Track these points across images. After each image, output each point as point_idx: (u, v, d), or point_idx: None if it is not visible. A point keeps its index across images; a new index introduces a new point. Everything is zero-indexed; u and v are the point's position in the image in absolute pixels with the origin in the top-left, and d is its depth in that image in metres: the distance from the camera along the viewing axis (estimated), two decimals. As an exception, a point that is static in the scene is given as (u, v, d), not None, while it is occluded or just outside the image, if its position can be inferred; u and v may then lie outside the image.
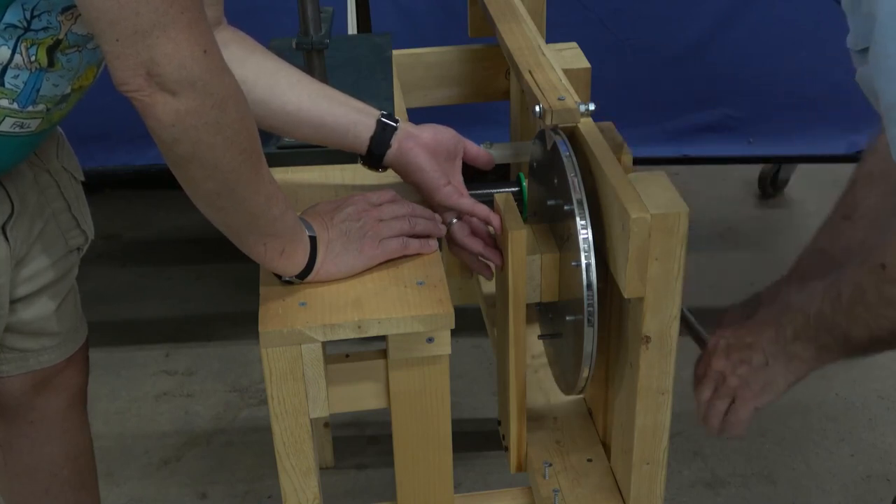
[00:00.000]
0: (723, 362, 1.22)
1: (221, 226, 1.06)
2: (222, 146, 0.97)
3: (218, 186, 1.00)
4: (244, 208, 1.04)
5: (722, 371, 1.22)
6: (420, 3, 2.20)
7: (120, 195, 3.03)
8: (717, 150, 2.36)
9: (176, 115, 0.92)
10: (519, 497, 1.40)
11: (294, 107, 1.24)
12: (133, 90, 0.91)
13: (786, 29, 2.20)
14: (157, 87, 0.91)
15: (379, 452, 2.11)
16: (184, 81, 0.91)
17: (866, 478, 2.04)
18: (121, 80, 0.91)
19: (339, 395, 1.17)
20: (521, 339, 1.28)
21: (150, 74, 0.90)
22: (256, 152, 1.02)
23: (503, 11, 1.63)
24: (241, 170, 1.00)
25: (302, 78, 1.27)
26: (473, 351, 2.36)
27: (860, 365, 2.34)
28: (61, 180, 1.34)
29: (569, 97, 1.29)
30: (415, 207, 1.23)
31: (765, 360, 1.18)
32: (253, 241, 1.08)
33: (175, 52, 0.90)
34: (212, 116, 0.94)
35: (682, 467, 2.06)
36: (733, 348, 1.21)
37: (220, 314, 2.56)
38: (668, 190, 1.12)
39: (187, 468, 2.11)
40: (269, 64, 1.26)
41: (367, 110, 1.26)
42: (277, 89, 1.24)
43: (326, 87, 1.28)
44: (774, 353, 1.17)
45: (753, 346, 1.19)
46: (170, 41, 0.89)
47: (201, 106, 0.93)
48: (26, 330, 1.36)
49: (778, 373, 1.18)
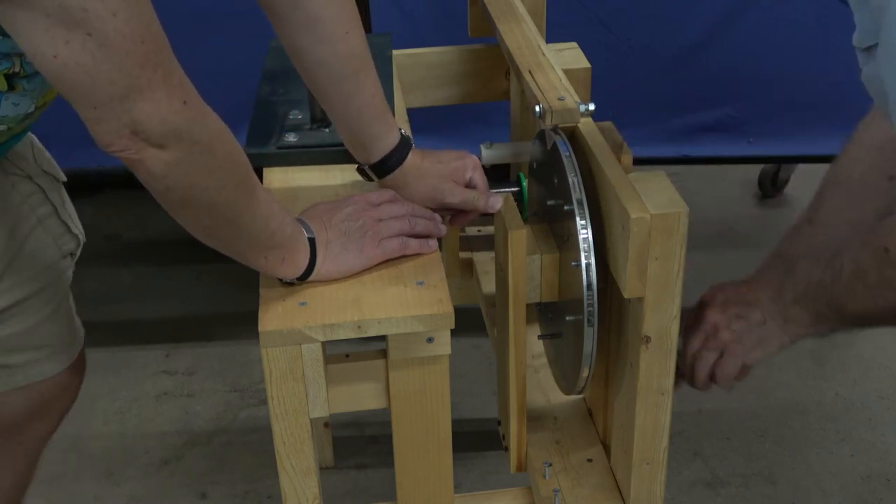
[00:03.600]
0: (718, 315, 1.22)
1: (222, 250, 1.07)
2: (216, 187, 0.97)
3: (215, 221, 1.01)
4: (243, 234, 1.05)
5: (715, 324, 1.22)
6: (420, 3, 2.20)
7: (120, 195, 3.03)
8: (717, 150, 2.36)
9: (167, 167, 0.92)
10: (519, 497, 1.40)
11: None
12: (120, 150, 0.91)
13: (786, 29, 2.20)
14: (143, 144, 0.90)
15: (379, 452, 2.11)
16: (169, 135, 0.91)
17: (866, 478, 2.04)
18: (105, 143, 0.90)
19: (339, 395, 1.17)
20: (521, 339, 1.28)
21: (134, 133, 0.90)
22: (250, 180, 1.03)
23: (503, 11, 1.63)
24: (237, 203, 1.01)
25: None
26: (473, 351, 2.36)
27: (860, 365, 2.34)
28: (44, 184, 1.32)
29: (569, 97, 1.29)
30: (414, 208, 1.23)
31: (762, 317, 1.19)
32: (254, 257, 1.09)
33: (155, 110, 0.89)
34: (202, 162, 0.95)
35: (682, 467, 2.06)
36: (731, 302, 1.22)
37: (220, 314, 2.56)
38: (668, 190, 1.12)
39: (187, 468, 2.11)
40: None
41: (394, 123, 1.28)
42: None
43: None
44: (773, 313, 1.19)
45: (752, 303, 1.20)
46: (148, 101, 0.89)
47: (189, 154, 0.93)
48: (9, 344, 1.32)
49: (773, 332, 1.19)
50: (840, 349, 2.39)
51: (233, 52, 1.98)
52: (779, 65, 2.23)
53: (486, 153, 1.46)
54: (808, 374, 2.32)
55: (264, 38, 1.57)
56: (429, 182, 1.26)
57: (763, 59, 2.23)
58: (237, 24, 1.26)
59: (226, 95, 1.02)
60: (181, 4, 1.65)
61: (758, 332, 1.20)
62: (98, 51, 0.85)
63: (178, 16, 1.05)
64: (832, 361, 2.36)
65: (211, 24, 2.07)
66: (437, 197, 1.26)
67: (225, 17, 1.96)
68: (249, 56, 1.73)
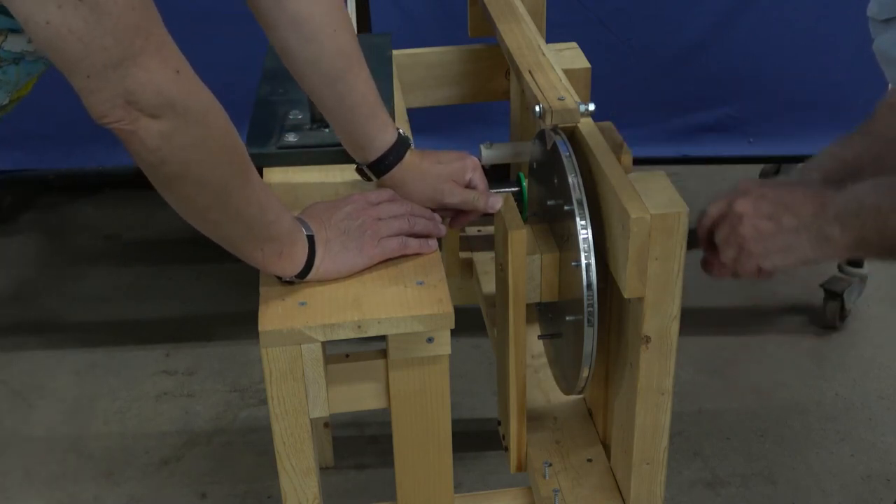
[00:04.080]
0: (748, 206, 1.12)
1: (217, 238, 1.06)
2: (209, 161, 0.97)
3: (209, 201, 1.01)
4: (238, 219, 1.04)
5: (741, 214, 1.12)
6: (420, 3, 2.20)
7: (120, 195, 3.03)
8: (717, 150, 2.36)
9: (161, 138, 0.93)
10: (519, 497, 1.40)
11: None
12: (114, 121, 0.91)
13: (786, 29, 2.20)
14: (138, 114, 0.91)
15: (379, 452, 2.11)
16: (163, 105, 0.91)
17: (866, 478, 2.04)
18: (100, 114, 0.91)
19: (339, 395, 1.17)
20: (521, 339, 1.28)
21: (128, 103, 0.90)
22: (244, 162, 1.03)
23: (503, 11, 1.63)
24: (230, 182, 1.01)
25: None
26: (473, 351, 2.36)
27: (860, 365, 2.34)
28: None
29: (569, 97, 1.29)
30: (414, 207, 1.23)
31: (797, 225, 1.09)
32: (250, 249, 1.08)
33: (149, 78, 0.90)
34: (196, 133, 0.95)
35: (682, 467, 2.06)
36: (766, 199, 1.12)
37: (220, 314, 2.56)
38: (668, 190, 1.12)
39: (187, 468, 2.11)
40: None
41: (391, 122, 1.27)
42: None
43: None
44: (808, 224, 1.09)
45: (789, 207, 1.10)
46: (142, 69, 0.89)
47: (184, 124, 0.93)
48: None
49: (804, 244, 1.10)
50: (840, 349, 2.40)
51: (233, 52, 1.98)
52: (779, 65, 2.23)
53: (486, 153, 1.46)
54: (808, 374, 2.32)
55: (264, 38, 1.57)
56: (428, 182, 1.26)
57: (763, 59, 2.23)
58: (237, 24, 1.26)
59: (226, 95, 1.02)
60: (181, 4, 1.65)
61: (785, 238, 1.10)
62: (90, 15, 0.85)
63: (178, 16, 1.05)
64: (832, 361, 2.36)
65: (211, 23, 2.08)
66: (437, 197, 1.26)
67: (225, 17, 1.96)
68: (249, 56, 1.73)
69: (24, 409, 2.27)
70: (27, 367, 2.39)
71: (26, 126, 2.15)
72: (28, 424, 2.23)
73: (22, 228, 2.94)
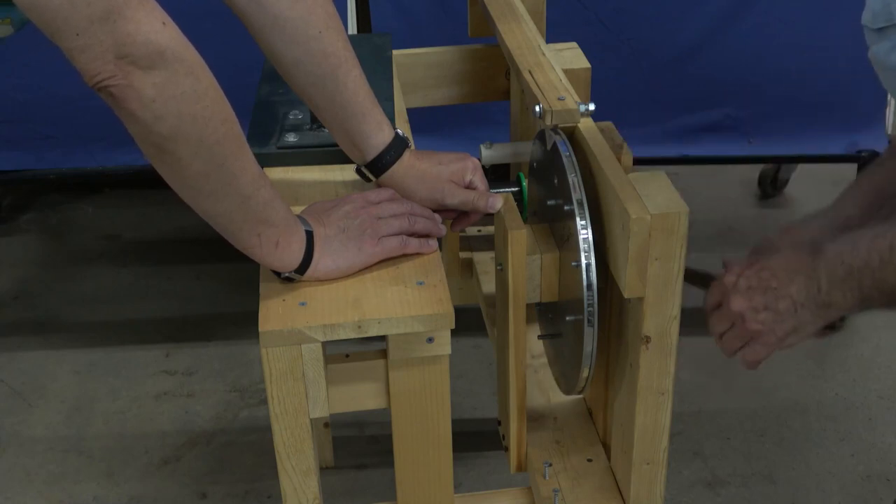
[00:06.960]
0: (744, 304, 1.15)
1: (213, 216, 1.06)
2: (203, 115, 0.98)
3: (205, 165, 1.00)
4: (233, 189, 1.04)
5: (741, 313, 1.15)
6: (420, 3, 2.21)
7: (120, 195, 3.03)
8: (717, 150, 2.36)
9: (154, 89, 0.93)
10: (519, 497, 1.40)
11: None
12: (106, 77, 0.92)
13: (786, 29, 2.20)
14: (130, 68, 0.92)
15: (379, 452, 2.11)
16: (153, 54, 0.92)
17: (866, 478, 2.04)
18: (92, 72, 0.91)
19: (339, 395, 1.17)
20: (521, 339, 1.28)
21: (119, 57, 0.91)
22: (236, 123, 1.03)
23: (503, 11, 1.63)
24: (225, 142, 1.01)
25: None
26: (473, 351, 2.36)
27: (860, 365, 2.34)
28: None
29: (569, 97, 1.29)
30: (414, 206, 1.23)
31: (793, 307, 1.12)
32: (247, 232, 1.08)
33: (136, 29, 0.91)
34: (188, 84, 0.95)
35: (682, 467, 2.06)
36: (756, 291, 1.15)
37: (220, 314, 2.56)
38: (668, 190, 1.12)
39: (187, 468, 2.11)
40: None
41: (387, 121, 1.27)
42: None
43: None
44: (805, 300, 1.12)
45: (779, 293, 1.13)
46: (128, 21, 0.90)
47: (175, 74, 0.94)
48: None
49: (807, 319, 1.13)
50: (840, 349, 2.40)
51: (233, 52, 1.98)
52: (778, 65, 2.24)
53: (486, 153, 1.46)
54: (808, 374, 2.32)
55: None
56: (428, 183, 1.26)
57: (763, 60, 2.23)
58: (237, 24, 1.26)
59: (226, 95, 1.02)
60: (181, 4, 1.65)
61: (791, 321, 1.13)
62: None
63: (178, 15, 1.05)
64: (832, 361, 2.36)
65: (210, 23, 2.07)
66: (437, 198, 1.26)
67: (225, 17, 1.95)
68: (249, 56, 1.72)
69: (24, 409, 2.27)
70: (27, 367, 2.39)
71: (26, 126, 2.16)
72: (28, 424, 2.23)
73: (22, 228, 2.94)
